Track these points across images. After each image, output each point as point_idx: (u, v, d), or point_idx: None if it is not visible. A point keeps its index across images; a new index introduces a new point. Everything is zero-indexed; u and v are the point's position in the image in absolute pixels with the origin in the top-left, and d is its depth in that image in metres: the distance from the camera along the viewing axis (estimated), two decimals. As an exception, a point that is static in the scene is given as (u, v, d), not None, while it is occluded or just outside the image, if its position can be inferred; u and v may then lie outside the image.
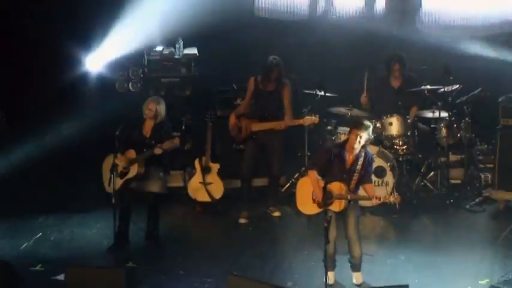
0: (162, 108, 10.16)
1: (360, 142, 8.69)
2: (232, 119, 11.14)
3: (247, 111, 11.12)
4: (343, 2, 12.68)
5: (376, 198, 8.76)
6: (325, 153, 8.96)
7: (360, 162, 8.79)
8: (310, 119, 10.92)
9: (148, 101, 10.18)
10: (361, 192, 8.99)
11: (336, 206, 8.74)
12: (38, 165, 12.56)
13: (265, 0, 12.78)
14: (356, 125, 8.78)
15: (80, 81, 12.65)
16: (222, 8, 12.30)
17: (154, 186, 10.07)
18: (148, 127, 10.13)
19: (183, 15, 12.29)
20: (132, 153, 10.00)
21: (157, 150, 9.87)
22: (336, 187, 8.71)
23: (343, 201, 8.74)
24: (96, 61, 12.45)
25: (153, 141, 9.99)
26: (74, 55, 12.44)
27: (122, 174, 10.02)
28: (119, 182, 9.98)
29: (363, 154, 8.81)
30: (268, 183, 11.43)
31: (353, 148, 8.72)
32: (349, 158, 8.80)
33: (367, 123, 8.84)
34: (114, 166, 9.76)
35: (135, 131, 10.13)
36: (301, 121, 10.98)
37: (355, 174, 8.79)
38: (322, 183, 8.73)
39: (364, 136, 8.71)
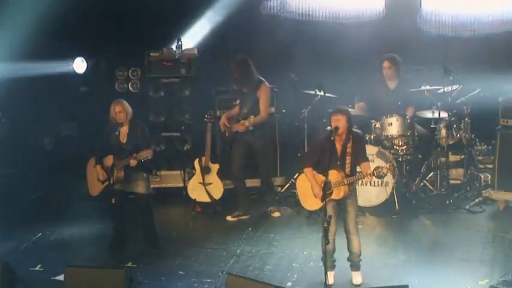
0: (128, 106, 9.96)
1: (341, 125, 8.75)
2: (222, 120, 11.19)
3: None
4: (344, 3, 12.69)
5: (370, 175, 8.79)
6: (315, 147, 9.05)
7: (349, 145, 8.84)
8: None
9: (112, 105, 9.92)
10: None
11: (336, 194, 8.78)
12: (37, 165, 12.59)
13: (266, 1, 12.80)
14: (332, 111, 8.90)
15: (80, 81, 12.68)
16: (223, 8, 12.32)
17: (138, 187, 9.96)
18: (124, 132, 9.94)
19: (182, 15, 12.32)
20: (110, 160, 9.83)
21: (133, 162, 9.69)
22: (332, 176, 8.74)
23: (342, 188, 8.78)
24: (96, 60, 12.46)
25: (130, 146, 9.84)
26: (74, 55, 12.46)
27: (102, 179, 9.95)
28: (100, 187, 9.97)
29: (350, 137, 8.87)
30: (260, 184, 11.45)
31: (337, 133, 8.76)
32: (338, 144, 8.85)
33: (342, 106, 8.99)
34: (113, 166, 9.73)
35: (113, 135, 9.91)
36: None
37: (348, 157, 8.84)
38: (319, 178, 8.77)
39: (343, 118, 8.77)
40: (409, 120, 11.40)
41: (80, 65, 12.51)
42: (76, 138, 13.10)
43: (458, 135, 11.60)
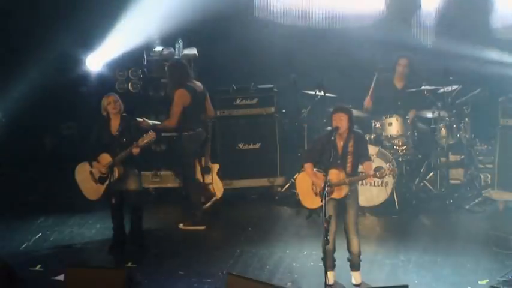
0: (119, 99, 9.93)
1: (343, 124, 8.76)
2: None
3: None
4: (344, 3, 12.68)
5: (373, 176, 8.80)
6: (316, 144, 9.05)
7: (351, 144, 8.85)
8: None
9: (105, 98, 9.86)
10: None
11: (337, 193, 8.79)
12: (38, 165, 12.59)
13: (265, 0, 12.80)
14: (334, 109, 8.91)
15: (80, 81, 12.67)
16: (222, 8, 12.31)
17: (132, 184, 9.91)
18: (114, 125, 9.84)
19: (182, 15, 12.31)
20: (107, 158, 9.72)
21: (136, 150, 9.57)
22: (333, 174, 8.75)
23: (343, 187, 8.77)
24: (96, 61, 12.45)
25: (124, 139, 9.74)
26: (74, 55, 12.45)
27: (101, 180, 9.88)
28: (100, 189, 9.92)
29: (352, 136, 8.87)
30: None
31: (339, 132, 8.77)
32: (339, 143, 8.85)
33: (343, 105, 9.00)
34: (112, 166, 9.71)
35: (103, 131, 9.83)
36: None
37: (349, 156, 8.84)
38: (320, 175, 8.77)
39: (345, 117, 8.79)
40: (409, 121, 11.40)
41: (93, 63, 12.46)
42: (76, 138, 13.08)
43: (458, 135, 11.59)
